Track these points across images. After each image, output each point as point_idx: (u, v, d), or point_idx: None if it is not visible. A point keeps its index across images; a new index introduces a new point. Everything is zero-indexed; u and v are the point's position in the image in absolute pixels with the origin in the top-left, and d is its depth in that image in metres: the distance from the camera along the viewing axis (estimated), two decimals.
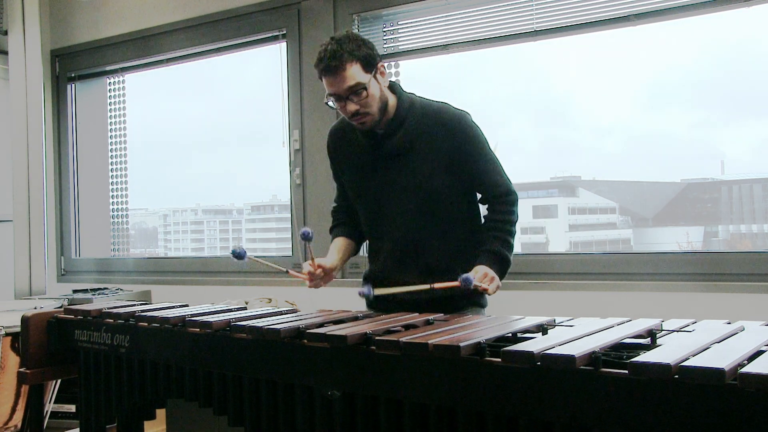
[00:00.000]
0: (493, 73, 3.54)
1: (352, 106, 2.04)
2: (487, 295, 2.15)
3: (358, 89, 2.02)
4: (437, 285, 2.03)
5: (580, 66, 3.27)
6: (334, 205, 2.42)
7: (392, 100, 2.14)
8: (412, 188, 2.12)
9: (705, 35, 3.01)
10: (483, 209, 2.26)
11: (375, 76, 2.06)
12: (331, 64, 2.00)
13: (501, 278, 2.10)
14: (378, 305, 2.22)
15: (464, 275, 1.97)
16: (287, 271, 2.15)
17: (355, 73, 2.01)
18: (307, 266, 2.14)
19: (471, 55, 3.32)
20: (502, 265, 2.11)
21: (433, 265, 2.14)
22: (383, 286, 2.17)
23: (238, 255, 2.08)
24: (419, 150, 2.11)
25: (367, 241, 2.36)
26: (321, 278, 2.17)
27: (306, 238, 2.06)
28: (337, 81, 2.02)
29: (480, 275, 2.03)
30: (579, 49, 3.18)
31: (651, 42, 3.03)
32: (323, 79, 2.06)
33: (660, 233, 3.33)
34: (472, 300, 2.17)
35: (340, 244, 2.31)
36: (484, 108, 3.53)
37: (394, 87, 2.17)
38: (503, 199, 2.17)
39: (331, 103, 2.10)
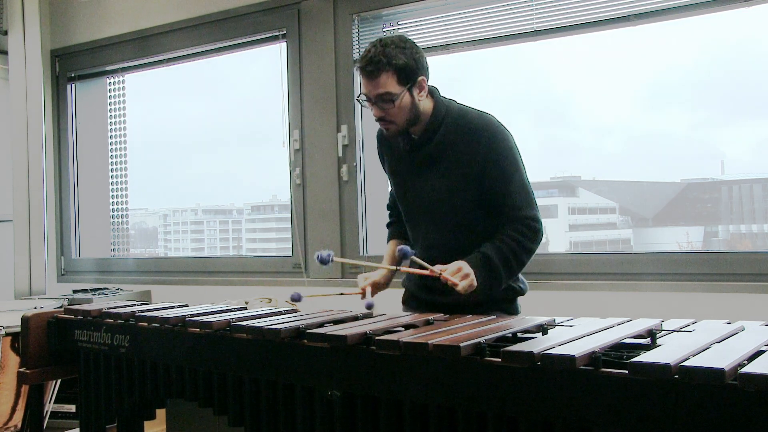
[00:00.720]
0: (493, 73, 3.54)
1: (378, 112, 2.05)
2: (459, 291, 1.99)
3: (388, 99, 2.01)
4: (403, 269, 2.07)
5: (580, 66, 3.27)
6: (389, 200, 2.45)
7: (429, 106, 2.10)
8: (441, 198, 2.09)
9: (705, 35, 3.01)
10: None
11: (411, 90, 2.03)
12: (367, 68, 2.00)
13: (483, 288, 1.99)
14: (409, 305, 2.27)
15: (402, 247, 1.98)
16: (341, 294, 2.19)
17: (388, 83, 2.00)
18: (361, 280, 2.18)
19: (471, 55, 3.32)
20: (487, 272, 2.00)
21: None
22: (418, 287, 2.22)
23: (296, 299, 2.13)
24: (452, 157, 2.07)
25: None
26: (374, 292, 2.19)
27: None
28: (370, 85, 2.02)
29: (452, 268, 1.95)
30: (579, 49, 3.18)
31: (651, 42, 3.03)
32: (360, 77, 2.07)
33: (660, 233, 3.33)
34: (500, 306, 2.11)
35: (391, 249, 2.32)
36: (485, 108, 3.53)
37: (432, 92, 2.13)
38: (526, 223, 2.05)
39: (362, 101, 2.10)
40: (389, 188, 2.40)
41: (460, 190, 2.07)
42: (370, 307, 2.08)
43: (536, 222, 2.06)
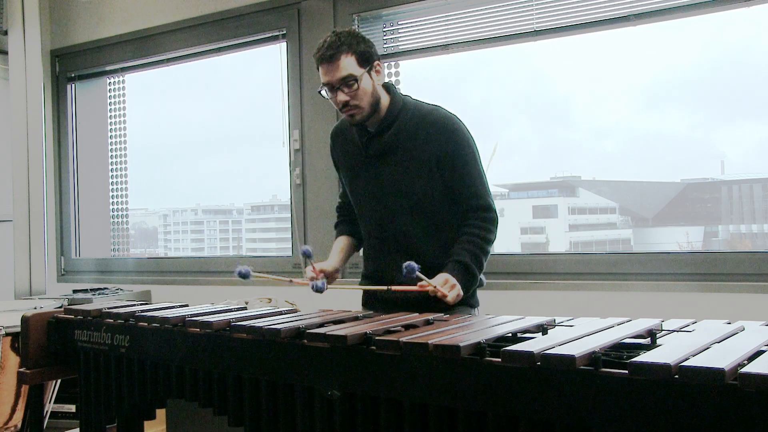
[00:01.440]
0: (493, 74, 3.54)
1: (342, 97, 2.10)
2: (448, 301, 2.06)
3: (350, 81, 2.08)
4: (395, 288, 2.06)
5: (580, 66, 3.27)
6: (339, 201, 2.47)
7: (386, 99, 2.18)
8: (398, 187, 2.16)
9: (705, 35, 3.01)
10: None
11: (369, 73, 2.11)
12: (327, 53, 2.08)
13: (466, 292, 2.09)
14: (370, 306, 2.28)
15: (408, 263, 1.93)
16: (290, 281, 2.20)
17: (348, 64, 2.07)
18: (309, 272, 2.18)
19: (471, 56, 3.32)
20: (467, 277, 2.08)
21: (423, 263, 2.08)
22: (377, 283, 2.23)
23: (244, 275, 2.12)
24: (407, 150, 2.14)
25: (363, 239, 2.38)
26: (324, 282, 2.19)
27: (307, 255, 2.12)
28: (331, 70, 2.08)
29: (440, 281, 2.02)
30: (579, 49, 3.19)
31: (651, 42, 3.03)
32: (319, 68, 2.12)
33: (660, 233, 3.33)
34: (463, 301, 2.15)
35: (341, 244, 2.36)
36: (485, 108, 3.53)
37: (389, 87, 2.21)
38: (482, 214, 2.15)
39: (324, 93, 2.15)
40: (340, 190, 2.44)
41: (414, 177, 2.13)
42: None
43: (492, 212, 2.16)
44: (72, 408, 3.42)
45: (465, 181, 2.14)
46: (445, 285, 2.02)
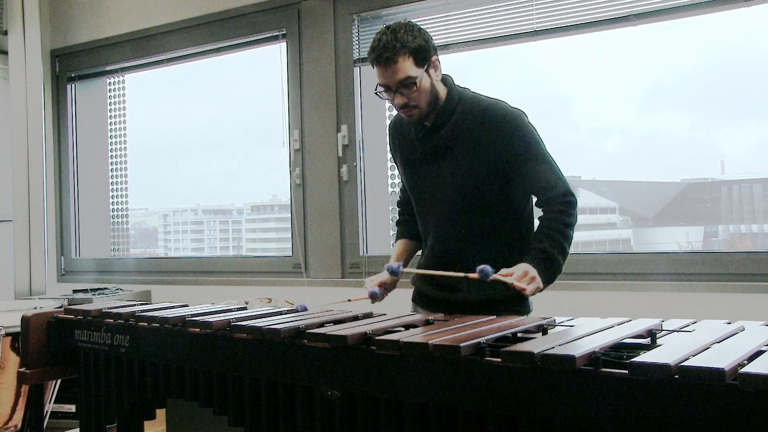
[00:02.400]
0: (493, 74, 3.54)
1: (401, 99, 2.01)
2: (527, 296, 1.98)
3: (409, 83, 1.98)
4: (471, 275, 1.90)
5: (581, 66, 3.27)
6: (399, 196, 2.40)
7: (443, 92, 2.08)
8: (455, 184, 2.06)
9: (705, 35, 3.01)
10: (538, 212, 2.12)
11: (427, 71, 2.01)
12: (383, 55, 1.96)
13: (547, 282, 1.96)
14: (420, 303, 2.23)
15: (483, 266, 1.85)
16: (349, 300, 2.19)
17: (407, 66, 1.97)
18: (368, 283, 2.16)
19: (471, 56, 3.32)
20: (548, 266, 1.96)
21: (473, 268, 1.98)
22: (428, 282, 2.17)
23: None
24: (465, 145, 2.04)
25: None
26: (384, 292, 2.19)
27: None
28: (389, 73, 1.98)
29: (519, 274, 1.90)
30: (579, 49, 3.19)
31: (651, 42, 3.03)
32: (375, 69, 2.02)
33: (660, 233, 3.33)
34: (512, 308, 2.05)
35: (399, 248, 2.30)
36: None
37: (446, 80, 2.12)
38: (561, 199, 2.03)
39: (381, 94, 2.06)
40: (400, 185, 2.36)
41: (479, 173, 2.03)
42: (374, 296, 2.09)
43: (571, 195, 2.04)
44: (72, 408, 3.42)
45: (536, 175, 2.04)
46: (524, 278, 1.90)
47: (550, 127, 3.47)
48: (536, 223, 2.12)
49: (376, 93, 2.07)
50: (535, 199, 2.12)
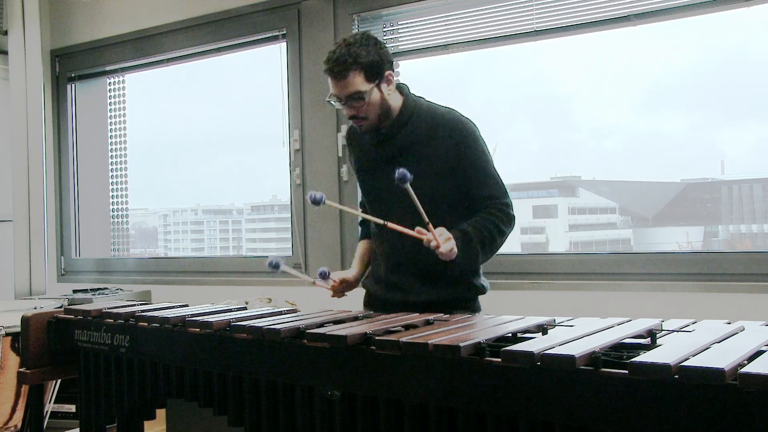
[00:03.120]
0: (493, 74, 3.54)
1: (349, 111, 2.10)
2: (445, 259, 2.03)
3: (357, 97, 2.05)
4: (390, 225, 2.00)
5: (581, 66, 3.27)
6: (361, 199, 2.45)
7: (398, 101, 2.15)
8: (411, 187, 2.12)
9: (705, 35, 3.01)
10: None
11: (379, 86, 2.07)
12: (334, 69, 2.04)
13: (462, 261, 2.04)
14: (373, 306, 2.28)
15: (402, 171, 1.86)
16: (314, 282, 2.25)
17: (356, 81, 2.04)
18: (330, 282, 2.26)
19: (471, 56, 3.32)
20: (466, 246, 2.04)
21: (428, 270, 2.13)
22: (382, 285, 2.24)
23: (275, 265, 2.15)
24: (419, 152, 2.12)
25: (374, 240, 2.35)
26: (344, 289, 2.29)
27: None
28: (339, 86, 2.06)
29: (437, 232, 1.97)
30: (579, 49, 3.19)
31: (651, 42, 3.03)
32: (328, 78, 2.09)
33: (660, 233, 3.33)
34: (463, 305, 2.17)
35: (362, 249, 2.38)
36: (485, 108, 3.53)
37: (402, 88, 2.18)
38: (502, 208, 2.12)
39: (332, 102, 2.14)
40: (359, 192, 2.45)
41: (433, 179, 2.10)
42: (323, 275, 2.18)
43: (510, 209, 2.14)
44: (72, 408, 3.42)
45: (484, 184, 2.13)
46: (441, 236, 1.97)
47: (550, 127, 3.47)
48: None
49: (328, 101, 2.15)
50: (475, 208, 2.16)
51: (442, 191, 2.12)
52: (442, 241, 1.97)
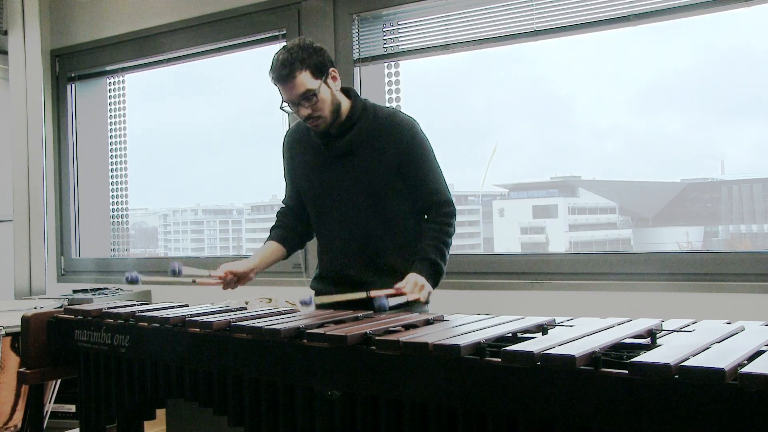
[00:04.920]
0: (493, 74, 3.54)
1: (304, 111, 2.17)
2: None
3: (309, 95, 2.14)
4: (373, 293, 2.08)
5: (581, 66, 3.27)
6: (281, 206, 2.54)
7: (346, 103, 2.25)
8: (359, 186, 2.24)
9: (705, 35, 3.01)
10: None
11: (326, 82, 2.17)
12: (282, 72, 2.14)
13: (434, 286, 2.20)
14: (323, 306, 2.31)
15: (378, 302, 2.01)
16: (193, 281, 2.31)
17: (305, 80, 2.13)
18: (221, 270, 2.29)
19: (471, 56, 3.32)
20: (435, 273, 2.20)
21: (381, 261, 2.25)
22: (333, 283, 2.30)
23: (132, 280, 2.28)
24: (368, 150, 2.23)
25: (317, 241, 2.43)
26: (234, 282, 2.31)
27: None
28: (289, 88, 2.15)
29: (410, 285, 2.11)
30: (579, 49, 3.19)
31: (651, 42, 3.03)
32: (278, 87, 2.18)
33: (660, 233, 3.33)
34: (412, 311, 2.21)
35: (266, 248, 2.45)
36: (485, 108, 3.53)
37: (349, 92, 2.29)
38: (442, 210, 2.26)
39: (286, 108, 2.22)
40: (287, 197, 2.51)
41: (381, 175, 2.22)
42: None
43: (451, 206, 2.28)
44: (72, 408, 3.42)
45: (426, 180, 2.26)
46: (415, 287, 2.11)
47: (550, 127, 3.47)
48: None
49: (281, 108, 2.23)
50: (418, 204, 2.29)
51: (392, 185, 2.24)
52: (418, 291, 2.12)
